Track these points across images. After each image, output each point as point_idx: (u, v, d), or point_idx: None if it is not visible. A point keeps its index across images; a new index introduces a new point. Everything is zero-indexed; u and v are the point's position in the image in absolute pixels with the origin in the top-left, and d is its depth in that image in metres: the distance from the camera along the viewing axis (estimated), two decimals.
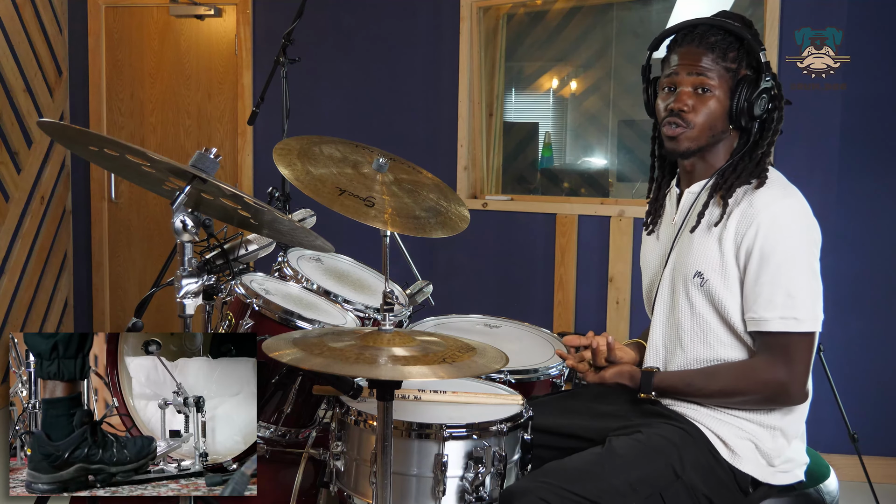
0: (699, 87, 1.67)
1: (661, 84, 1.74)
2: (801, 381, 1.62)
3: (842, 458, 3.02)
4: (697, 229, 1.69)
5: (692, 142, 1.69)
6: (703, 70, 1.66)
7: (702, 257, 1.67)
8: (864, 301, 3.30)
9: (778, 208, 1.62)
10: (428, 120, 4.13)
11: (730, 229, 1.64)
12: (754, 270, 1.61)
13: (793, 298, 1.59)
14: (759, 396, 1.64)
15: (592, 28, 4.41)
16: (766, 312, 1.60)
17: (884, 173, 3.28)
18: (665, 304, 1.77)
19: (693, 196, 1.75)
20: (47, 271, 4.40)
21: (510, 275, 4.01)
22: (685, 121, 1.67)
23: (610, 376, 1.73)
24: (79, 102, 4.51)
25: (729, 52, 1.67)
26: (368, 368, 1.38)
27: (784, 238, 1.60)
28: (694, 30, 1.69)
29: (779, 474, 1.67)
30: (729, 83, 1.67)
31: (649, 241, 1.88)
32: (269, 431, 2.10)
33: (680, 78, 1.69)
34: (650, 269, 1.86)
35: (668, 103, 1.70)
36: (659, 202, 1.86)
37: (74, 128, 1.48)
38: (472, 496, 1.59)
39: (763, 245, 1.60)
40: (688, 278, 1.69)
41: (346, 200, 1.64)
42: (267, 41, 4.27)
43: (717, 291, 1.65)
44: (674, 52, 1.72)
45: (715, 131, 1.69)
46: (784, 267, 1.59)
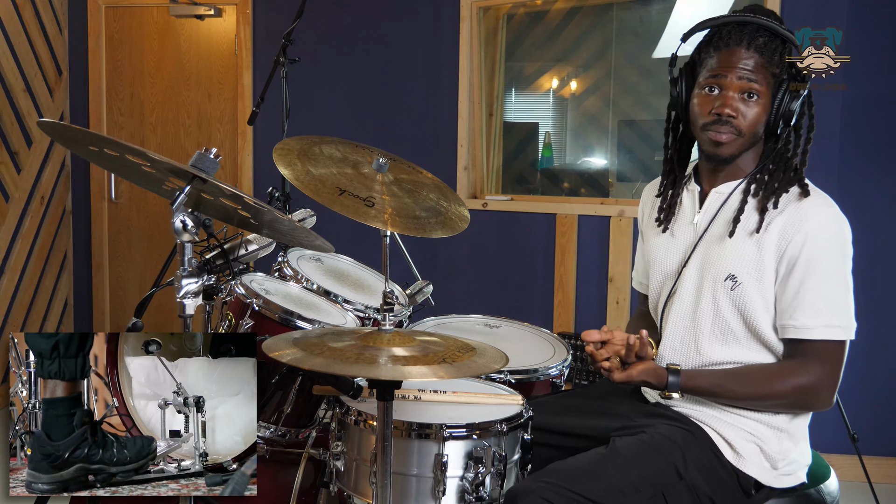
0: (746, 92, 1.62)
1: (703, 82, 1.67)
2: (833, 388, 1.61)
3: (842, 458, 3.02)
4: (735, 233, 1.65)
5: (737, 148, 1.66)
6: (752, 74, 1.61)
7: (737, 260, 1.64)
8: (864, 301, 3.27)
9: (824, 217, 1.60)
10: (428, 120, 4.13)
11: (772, 235, 1.61)
12: (798, 277, 1.59)
13: (836, 306, 1.59)
14: (790, 401, 1.63)
15: (592, 28, 4.41)
16: (809, 320, 1.58)
17: (884, 173, 3.28)
18: (685, 304, 1.72)
19: (721, 197, 1.71)
20: (47, 271, 4.40)
21: (510, 275, 4.01)
22: (735, 128, 1.63)
23: (637, 374, 1.61)
24: (79, 102, 4.51)
25: (775, 56, 1.62)
26: (368, 368, 1.37)
27: (830, 248, 1.59)
28: (743, 28, 1.62)
29: (782, 477, 1.67)
30: (772, 88, 1.63)
31: (662, 238, 1.80)
32: (269, 431, 2.10)
33: (728, 81, 1.63)
34: (662, 268, 1.79)
35: (713, 107, 1.64)
36: (673, 199, 1.80)
37: (74, 128, 1.47)
38: (472, 496, 1.59)
39: (811, 252, 1.58)
40: (717, 280, 1.66)
41: (346, 200, 1.64)
42: (267, 41, 4.27)
43: (749, 295, 1.63)
44: (720, 50, 1.64)
45: (756, 137, 1.67)
46: (828, 275, 1.59)
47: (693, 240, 1.74)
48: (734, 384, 1.64)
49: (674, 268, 1.77)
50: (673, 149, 1.81)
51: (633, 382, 1.64)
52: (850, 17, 3.17)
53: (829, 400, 1.62)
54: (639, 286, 2.01)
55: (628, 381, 1.63)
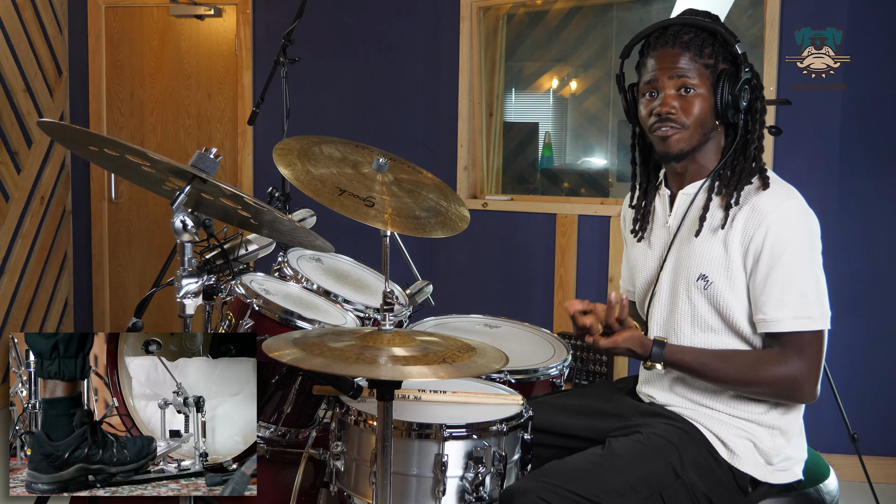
0: (682, 88, 1.66)
1: (642, 90, 1.73)
2: (815, 379, 1.62)
3: (842, 458, 3.02)
4: (701, 232, 1.68)
5: (685, 142, 1.68)
6: (683, 70, 1.66)
7: (706, 260, 1.67)
8: (864, 301, 3.29)
9: (785, 209, 1.61)
10: (428, 120, 4.13)
11: (736, 231, 1.63)
12: (763, 271, 1.60)
13: (805, 297, 1.60)
14: (772, 391, 1.64)
15: (592, 28, 4.41)
16: (778, 313, 1.60)
17: (884, 173, 3.28)
18: (663, 307, 1.76)
19: (688, 198, 1.74)
20: (47, 271, 4.40)
21: (510, 275, 4.01)
22: (677, 122, 1.67)
23: (623, 340, 1.63)
24: (79, 102, 4.51)
25: (704, 49, 1.66)
26: (368, 368, 1.37)
27: (793, 238, 1.60)
28: (665, 31, 1.68)
29: (777, 473, 1.67)
30: (709, 79, 1.67)
31: (639, 247, 1.85)
32: (269, 431, 2.10)
33: (661, 82, 1.68)
34: (643, 274, 1.84)
35: (652, 108, 1.69)
36: (647, 208, 1.84)
37: (74, 128, 1.47)
38: (472, 496, 1.59)
39: (773, 246, 1.59)
40: (690, 281, 1.69)
41: (346, 200, 1.64)
42: (267, 41, 4.27)
43: (722, 294, 1.65)
44: (649, 57, 1.71)
45: (706, 129, 1.69)
46: (794, 267, 1.59)
47: (667, 242, 1.77)
48: (719, 363, 1.64)
49: (652, 273, 1.81)
50: (640, 161, 1.85)
51: (618, 349, 1.65)
52: (850, 17, 3.17)
53: (813, 391, 1.63)
54: (626, 293, 2.02)
55: (613, 348, 1.64)
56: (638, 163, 1.85)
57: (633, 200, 1.88)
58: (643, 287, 1.85)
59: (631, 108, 1.81)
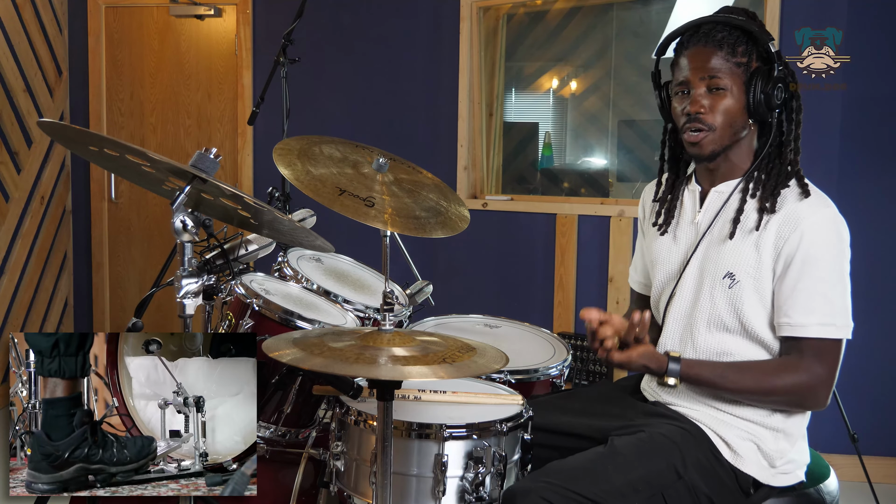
0: (713, 88, 1.66)
1: (675, 89, 1.73)
2: (829, 387, 1.62)
3: (842, 458, 3.02)
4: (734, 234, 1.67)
5: (715, 144, 1.68)
6: (714, 70, 1.65)
7: (736, 259, 1.65)
8: (864, 301, 3.27)
9: (821, 216, 1.61)
10: (428, 120, 4.13)
11: (770, 234, 1.62)
12: (794, 276, 1.60)
13: (832, 305, 1.59)
14: (788, 398, 1.63)
15: (592, 28, 4.41)
16: (804, 318, 1.59)
17: (884, 173, 3.28)
18: (685, 301, 1.74)
19: (721, 196, 1.73)
20: (47, 271, 4.40)
21: (510, 275, 4.01)
22: (705, 123, 1.66)
23: (638, 356, 1.62)
24: (79, 102, 4.51)
25: (738, 48, 1.65)
26: (368, 368, 1.37)
27: (826, 246, 1.60)
28: (699, 29, 1.67)
29: (780, 475, 1.67)
30: (742, 78, 1.66)
31: (663, 241, 1.83)
32: (269, 431, 2.10)
33: (692, 80, 1.67)
34: (665, 268, 1.81)
35: (684, 107, 1.69)
36: (672, 202, 1.83)
37: (74, 128, 1.47)
38: (472, 496, 1.59)
39: (807, 252, 1.59)
40: (716, 279, 1.67)
41: (346, 200, 1.64)
42: (267, 41, 4.27)
43: (745, 294, 1.64)
44: (682, 55, 1.70)
45: (736, 129, 1.68)
46: (824, 274, 1.59)
47: (694, 239, 1.75)
48: (736, 375, 1.64)
49: (675, 268, 1.79)
50: (669, 157, 1.85)
51: (632, 364, 1.63)
52: (850, 17, 3.17)
53: (825, 399, 1.63)
54: (636, 285, 2.01)
55: (627, 363, 1.62)
56: (666, 158, 1.85)
57: (657, 195, 1.87)
58: (663, 281, 1.82)
59: (665, 106, 1.81)
